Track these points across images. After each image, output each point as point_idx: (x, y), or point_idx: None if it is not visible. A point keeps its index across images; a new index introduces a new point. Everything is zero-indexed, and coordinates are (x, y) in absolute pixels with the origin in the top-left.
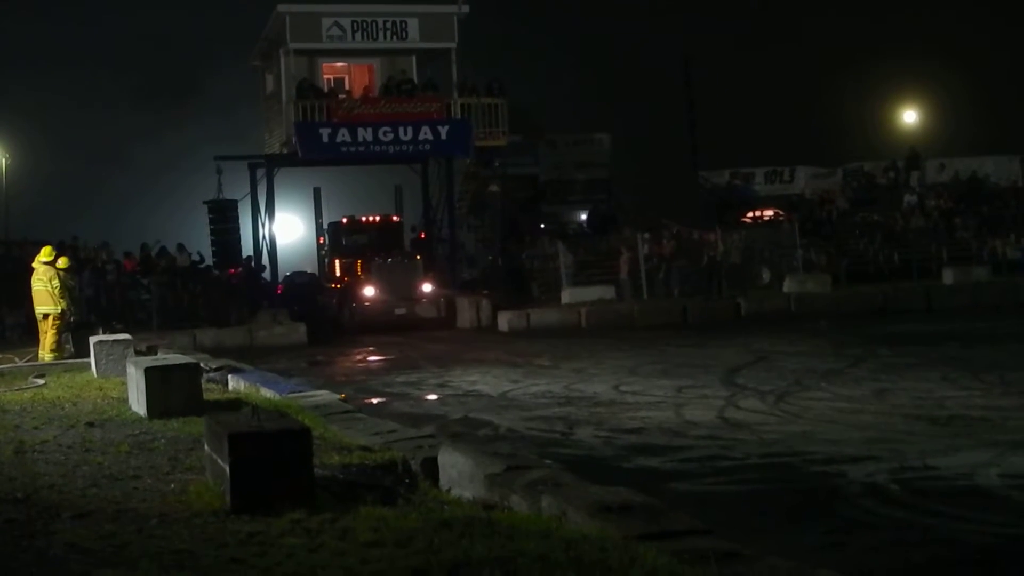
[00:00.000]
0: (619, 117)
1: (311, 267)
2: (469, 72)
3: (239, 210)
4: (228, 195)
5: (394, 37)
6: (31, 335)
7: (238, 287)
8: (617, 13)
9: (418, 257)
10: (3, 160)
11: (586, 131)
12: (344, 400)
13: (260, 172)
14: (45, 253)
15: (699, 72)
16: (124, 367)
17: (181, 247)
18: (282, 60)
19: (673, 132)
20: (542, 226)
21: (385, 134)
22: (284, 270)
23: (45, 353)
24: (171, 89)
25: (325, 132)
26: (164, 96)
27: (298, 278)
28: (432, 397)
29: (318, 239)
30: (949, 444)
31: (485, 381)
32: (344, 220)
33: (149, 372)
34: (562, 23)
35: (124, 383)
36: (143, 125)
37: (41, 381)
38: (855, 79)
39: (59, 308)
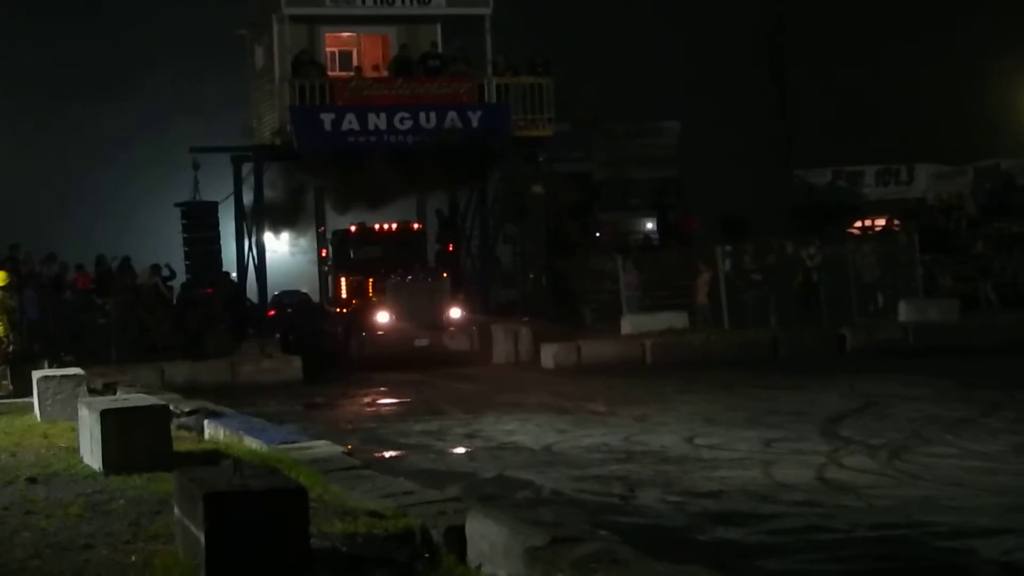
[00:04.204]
0: (691, 101)
1: (309, 285)
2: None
3: (219, 214)
4: (206, 196)
5: (415, 1)
6: None
7: (216, 309)
8: None
9: (444, 275)
10: None
11: (650, 119)
12: (349, 453)
13: (246, 168)
14: None
15: (794, 45)
16: (75, 409)
17: (157, 267)
18: (275, 29)
19: (761, 120)
20: (596, 235)
21: (402, 121)
22: (274, 288)
23: None
24: (131, 63)
25: (328, 118)
26: (123, 73)
27: (287, 298)
28: (458, 450)
29: (320, 251)
30: None
31: (524, 431)
32: (353, 228)
33: (106, 416)
34: None
35: (75, 429)
36: (98, 111)
37: None
38: (991, 57)
39: None
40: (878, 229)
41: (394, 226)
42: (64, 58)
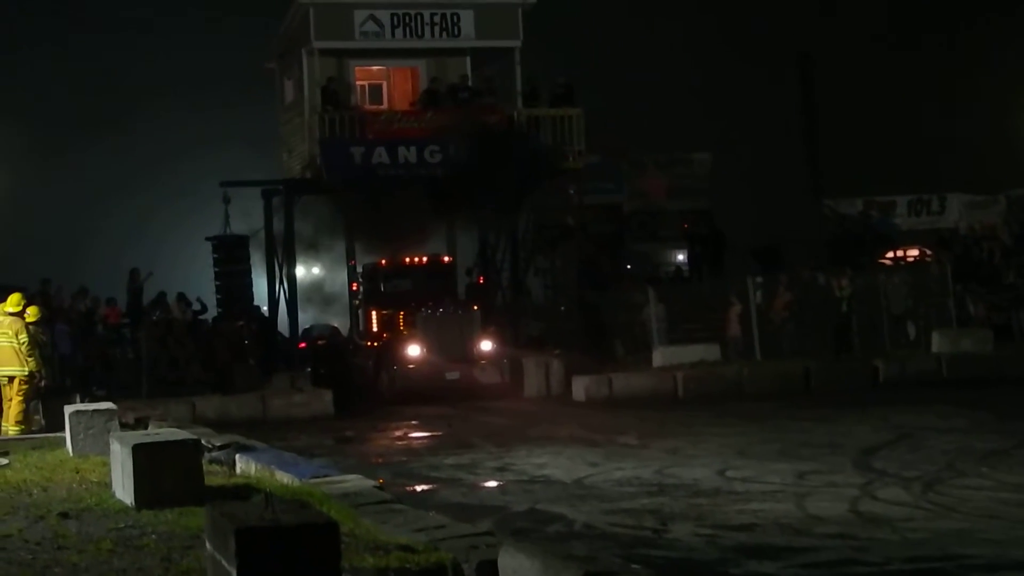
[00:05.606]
0: (721, 132)
1: (340, 318)
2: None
3: (251, 248)
4: (237, 229)
5: (444, 33)
6: None
7: (247, 343)
8: (718, 5)
9: (475, 308)
10: None
11: (681, 150)
12: (380, 487)
13: (277, 201)
14: (12, 302)
15: (824, 75)
16: (106, 444)
17: (183, 296)
18: (304, 62)
19: (791, 151)
20: (627, 267)
21: (432, 154)
22: (305, 322)
23: (9, 425)
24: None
25: (358, 151)
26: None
27: (318, 332)
28: (490, 484)
29: (350, 285)
30: None
31: (556, 464)
32: (383, 261)
33: (137, 450)
34: (649, 16)
35: (106, 463)
36: (134, 148)
37: (5, 461)
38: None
39: (27, 369)
40: (910, 259)
41: (424, 259)
42: (88, 91)
